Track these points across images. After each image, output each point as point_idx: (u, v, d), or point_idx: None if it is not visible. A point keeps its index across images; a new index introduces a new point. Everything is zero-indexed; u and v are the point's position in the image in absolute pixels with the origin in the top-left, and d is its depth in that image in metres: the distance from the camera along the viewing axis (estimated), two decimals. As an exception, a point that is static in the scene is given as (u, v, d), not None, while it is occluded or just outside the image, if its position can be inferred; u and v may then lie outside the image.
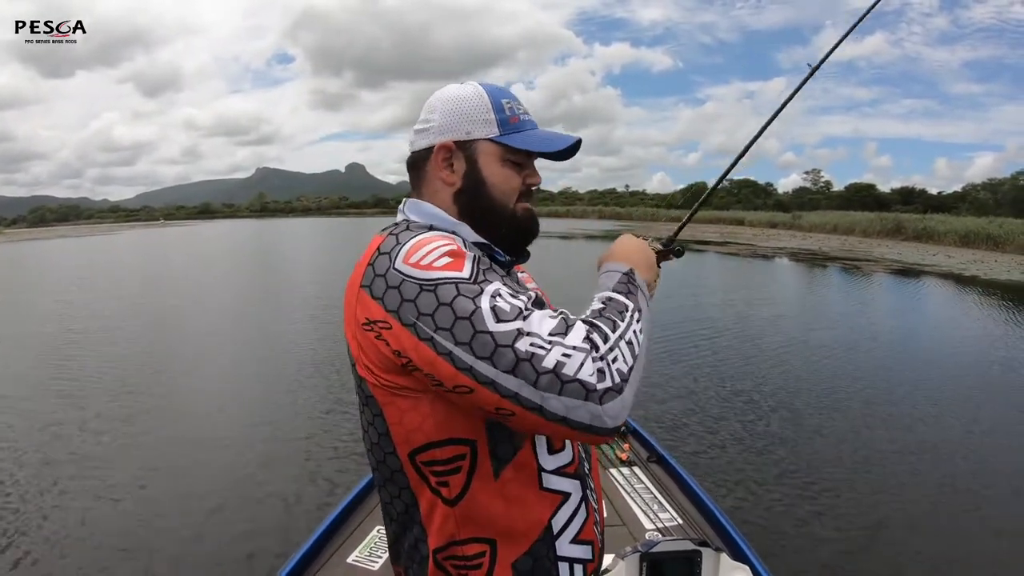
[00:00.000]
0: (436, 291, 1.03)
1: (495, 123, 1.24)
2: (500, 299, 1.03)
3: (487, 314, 1.00)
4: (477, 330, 1.00)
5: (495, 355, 0.99)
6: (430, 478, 1.16)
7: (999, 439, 6.43)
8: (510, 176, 1.26)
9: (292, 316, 14.03)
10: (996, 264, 25.29)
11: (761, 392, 7.80)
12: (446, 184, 1.27)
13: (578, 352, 0.98)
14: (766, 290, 18.31)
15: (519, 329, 0.99)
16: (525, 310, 1.02)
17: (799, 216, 55.66)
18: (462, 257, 1.08)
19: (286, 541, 4.22)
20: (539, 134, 1.28)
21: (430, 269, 1.05)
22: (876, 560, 4.20)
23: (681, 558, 2.13)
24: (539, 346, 0.98)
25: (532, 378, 0.97)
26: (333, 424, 6.81)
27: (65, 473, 5.65)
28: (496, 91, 1.27)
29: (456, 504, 1.16)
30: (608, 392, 0.97)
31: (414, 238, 1.11)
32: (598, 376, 0.97)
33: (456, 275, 1.04)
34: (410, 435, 1.15)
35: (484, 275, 1.07)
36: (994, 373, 9.00)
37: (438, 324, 1.02)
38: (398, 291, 1.06)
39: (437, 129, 1.26)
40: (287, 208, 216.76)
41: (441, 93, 1.30)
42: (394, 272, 1.07)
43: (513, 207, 1.27)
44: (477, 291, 1.03)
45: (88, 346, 11.22)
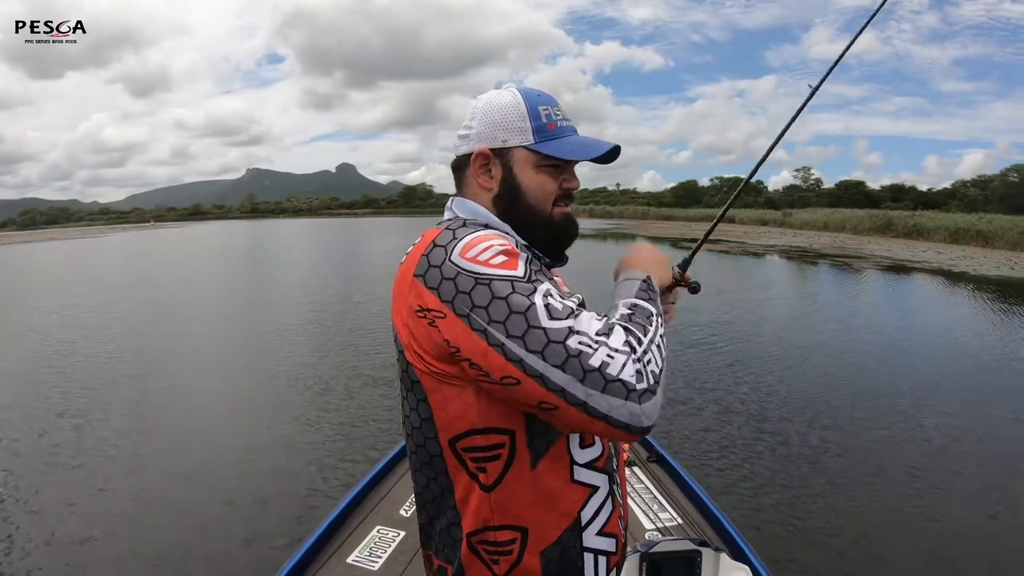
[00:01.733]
0: (491, 285, 1.08)
1: (530, 131, 1.28)
2: (552, 298, 1.08)
3: (541, 311, 1.05)
4: (531, 325, 1.05)
5: (546, 350, 1.03)
6: (469, 463, 1.20)
7: (1003, 438, 6.46)
8: (546, 181, 1.29)
9: (289, 316, 14.01)
10: (985, 260, 25.46)
11: (760, 392, 7.84)
12: (484, 189, 1.31)
13: (620, 354, 1.04)
14: (758, 288, 18.32)
15: (570, 327, 1.04)
16: (576, 309, 1.08)
17: (790, 214, 55.90)
18: (516, 256, 1.13)
19: (286, 541, 4.25)
20: (575, 141, 1.31)
21: (487, 265, 1.10)
22: (876, 560, 4.21)
23: (681, 558, 2.14)
24: (587, 344, 1.03)
25: (580, 375, 1.02)
26: (333, 424, 6.84)
27: (63, 475, 5.65)
28: (534, 97, 1.31)
29: (492, 490, 1.19)
30: (646, 392, 1.04)
31: (472, 234, 1.16)
32: (637, 377, 1.03)
33: (511, 273, 1.09)
34: (453, 422, 1.19)
35: (536, 275, 1.12)
36: (989, 368, 9.05)
37: (492, 317, 1.06)
38: (453, 283, 1.10)
39: (476, 136, 1.31)
40: (278, 209, 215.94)
41: (481, 99, 1.33)
42: (450, 264, 1.11)
43: (550, 211, 1.31)
44: (531, 289, 1.08)
45: (83, 347, 11.16)
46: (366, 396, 7.77)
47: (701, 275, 1.49)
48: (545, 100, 1.31)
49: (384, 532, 3.02)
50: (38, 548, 4.46)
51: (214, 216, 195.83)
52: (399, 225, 78.23)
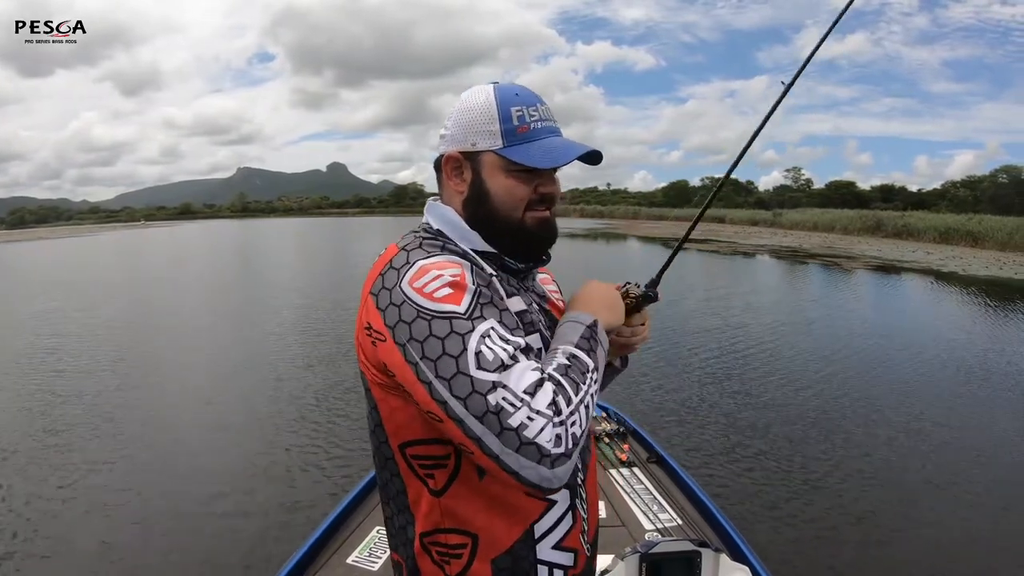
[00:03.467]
0: (431, 322, 1.07)
1: (499, 134, 1.24)
2: (488, 342, 1.07)
3: (471, 358, 1.05)
4: (459, 370, 1.04)
5: (469, 399, 1.03)
6: (417, 469, 1.22)
7: (1002, 438, 6.48)
8: (515, 187, 1.26)
9: (285, 317, 13.97)
10: (975, 260, 25.56)
11: (759, 393, 7.86)
12: (456, 192, 1.30)
13: (541, 417, 1.03)
14: (751, 288, 18.35)
15: (495, 382, 1.04)
16: (509, 359, 1.06)
17: (780, 214, 55.98)
18: (463, 290, 1.11)
19: (285, 542, 4.23)
20: (545, 145, 1.26)
21: (430, 298, 1.09)
22: (875, 560, 4.24)
23: (681, 559, 2.15)
24: (510, 402, 1.03)
25: (496, 430, 1.02)
26: (329, 425, 6.85)
27: (58, 479, 5.65)
28: (509, 98, 1.27)
29: (441, 495, 1.20)
30: (560, 457, 1.03)
31: (424, 260, 1.15)
32: (555, 442, 1.03)
33: (452, 309, 1.08)
34: (400, 429, 1.21)
35: (481, 311, 1.10)
36: (984, 368, 9.09)
37: (425, 353, 1.06)
38: (398, 310, 1.10)
39: (450, 138, 1.29)
40: (268, 208, 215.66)
41: (458, 101, 1.32)
42: (398, 291, 1.11)
43: (520, 217, 1.27)
44: (468, 328, 1.07)
45: (78, 350, 11.12)
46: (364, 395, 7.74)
47: (689, 275, 1.47)
48: (523, 100, 1.27)
49: (384, 533, 3.01)
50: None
51: (204, 215, 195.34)
52: (390, 225, 78.07)
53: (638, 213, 79.84)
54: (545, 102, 1.30)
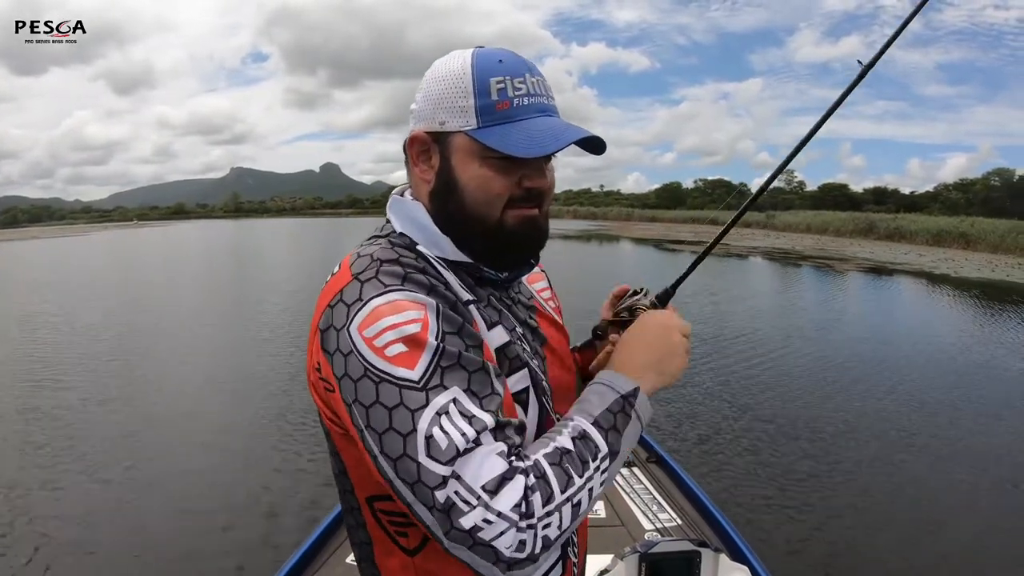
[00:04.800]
0: (378, 386, 0.88)
1: (473, 111, 0.99)
2: (445, 421, 0.86)
3: (420, 441, 0.85)
4: (406, 452, 0.86)
5: (415, 487, 0.85)
6: (388, 526, 1.04)
7: (1001, 438, 6.49)
8: (491, 179, 1.00)
9: (282, 318, 13.94)
10: (967, 263, 25.66)
11: (759, 394, 7.87)
12: (422, 180, 1.06)
13: (502, 520, 0.84)
14: (747, 289, 18.38)
15: (446, 476, 0.84)
16: (470, 443, 0.85)
17: (773, 216, 56.01)
18: (420, 348, 0.89)
19: (284, 542, 4.25)
20: (532, 127, 0.99)
21: (379, 355, 0.88)
22: (874, 560, 4.25)
23: (680, 558, 2.14)
24: (463, 499, 0.84)
25: (445, 528, 0.84)
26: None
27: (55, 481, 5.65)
28: (490, 65, 1.00)
29: (415, 555, 1.02)
30: (521, 563, 0.86)
31: (376, 300, 0.91)
32: (517, 547, 0.85)
33: (404, 375, 0.87)
34: (366, 482, 1.02)
35: (441, 378, 0.89)
36: (980, 369, 9.11)
37: (370, 423, 0.88)
38: (344, 360, 0.91)
39: (417, 114, 1.05)
40: (261, 208, 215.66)
41: (430, 68, 1.07)
42: (346, 336, 0.91)
43: (499, 216, 1.02)
44: (421, 402, 0.86)
45: (71, 352, 11.13)
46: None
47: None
48: (506, 69, 1.00)
49: None
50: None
51: (197, 215, 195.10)
52: (384, 225, 77.95)
53: (631, 215, 79.81)
54: (540, 72, 1.04)
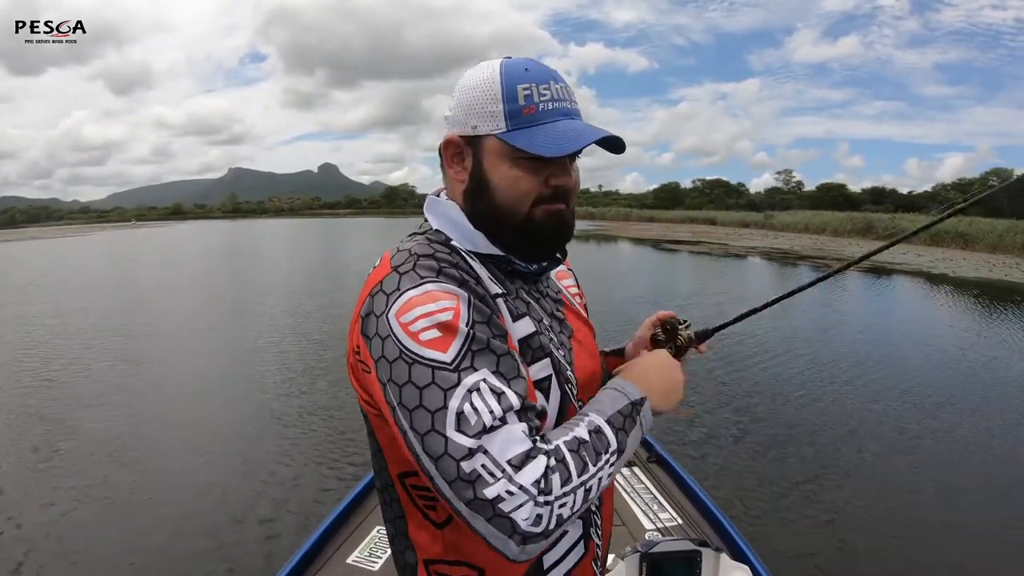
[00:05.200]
0: (412, 368, 0.96)
1: (502, 116, 1.09)
2: (474, 399, 0.94)
3: (450, 417, 0.94)
4: (434, 427, 0.94)
5: (440, 460, 0.94)
6: (418, 500, 1.13)
7: (1002, 440, 6.48)
8: (520, 178, 1.10)
9: (279, 319, 13.95)
10: (964, 262, 25.69)
11: (759, 393, 7.87)
12: (457, 181, 1.17)
13: (523, 494, 0.92)
14: (746, 289, 18.39)
15: (473, 448, 0.92)
16: (496, 421, 0.94)
17: (771, 216, 56.15)
18: (453, 334, 0.98)
19: (286, 541, 4.29)
20: (555, 130, 1.09)
21: (415, 340, 0.97)
22: (874, 561, 4.24)
23: (681, 558, 2.13)
24: (489, 471, 0.92)
25: (467, 498, 0.92)
26: (328, 425, 6.84)
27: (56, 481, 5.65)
28: (517, 73, 1.10)
29: (444, 527, 1.11)
30: (535, 536, 0.93)
31: (415, 289, 1.01)
32: (534, 521, 0.92)
33: (437, 357, 0.96)
34: (400, 459, 1.09)
35: (472, 360, 0.97)
36: (976, 370, 9.12)
37: (402, 400, 0.97)
38: (382, 344, 0.99)
39: (451, 120, 1.15)
40: (259, 209, 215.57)
41: (462, 77, 1.18)
42: (385, 322, 1.00)
43: (527, 212, 1.12)
44: (453, 382, 0.95)
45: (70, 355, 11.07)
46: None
47: (678, 273, 1.41)
48: (533, 76, 1.10)
49: (384, 532, 3.00)
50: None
51: (195, 216, 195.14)
52: (381, 226, 78.14)
53: (629, 215, 79.88)
54: (563, 80, 1.13)
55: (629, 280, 19.17)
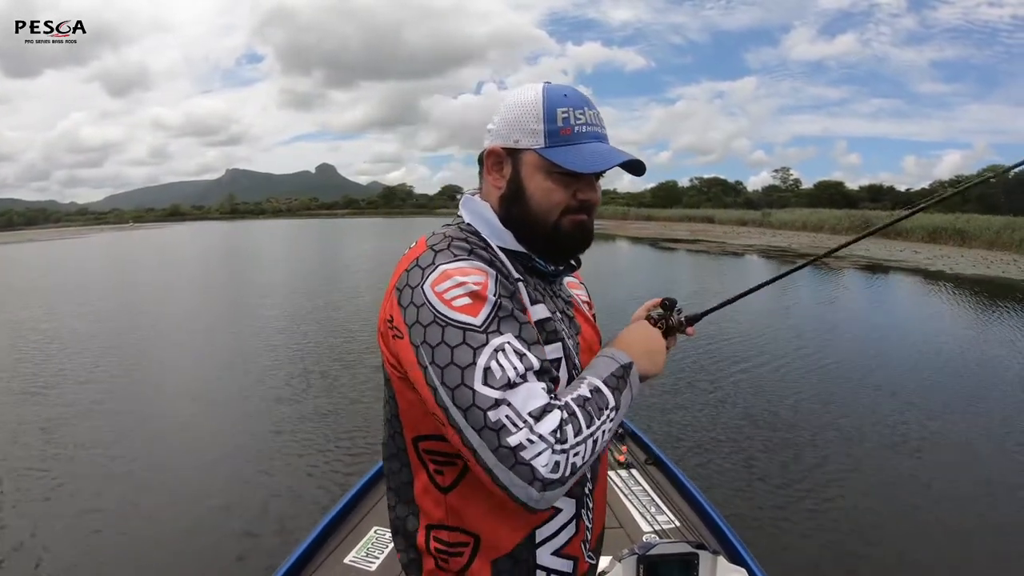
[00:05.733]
0: (445, 328, 1.08)
1: (542, 134, 1.23)
2: (499, 358, 1.07)
3: (478, 372, 1.06)
4: (463, 382, 1.06)
5: (469, 411, 1.05)
6: (428, 464, 1.24)
7: (1002, 438, 6.51)
8: (552, 190, 1.24)
9: (277, 320, 13.98)
10: (962, 259, 25.76)
11: (757, 396, 7.85)
12: (495, 187, 1.29)
13: (542, 442, 1.04)
14: (743, 286, 18.39)
15: (499, 399, 1.04)
16: (518, 378, 1.07)
17: (769, 214, 56.16)
18: (482, 301, 1.11)
19: (283, 541, 4.29)
20: (587, 150, 1.23)
21: (448, 305, 1.09)
22: (873, 563, 4.25)
23: (678, 560, 2.14)
24: (512, 421, 1.04)
25: (493, 446, 1.04)
26: (329, 425, 6.86)
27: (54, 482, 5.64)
28: (557, 98, 1.24)
29: (448, 492, 1.22)
30: (553, 483, 1.05)
31: (449, 263, 1.14)
32: (552, 467, 1.04)
33: (468, 320, 1.08)
34: (416, 423, 1.23)
35: (498, 325, 1.10)
36: (978, 368, 9.15)
37: (434, 359, 1.08)
38: (417, 311, 1.11)
39: (495, 133, 1.28)
40: (257, 210, 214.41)
41: (507, 95, 1.31)
42: (420, 291, 1.12)
43: (556, 221, 1.25)
44: (481, 341, 1.07)
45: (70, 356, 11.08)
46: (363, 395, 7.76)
47: (681, 280, 1.45)
48: (570, 102, 1.24)
49: (381, 532, 3.04)
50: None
51: (193, 217, 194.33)
52: (379, 226, 78.04)
53: (627, 214, 79.67)
54: (595, 107, 1.27)
55: (627, 279, 19.14)
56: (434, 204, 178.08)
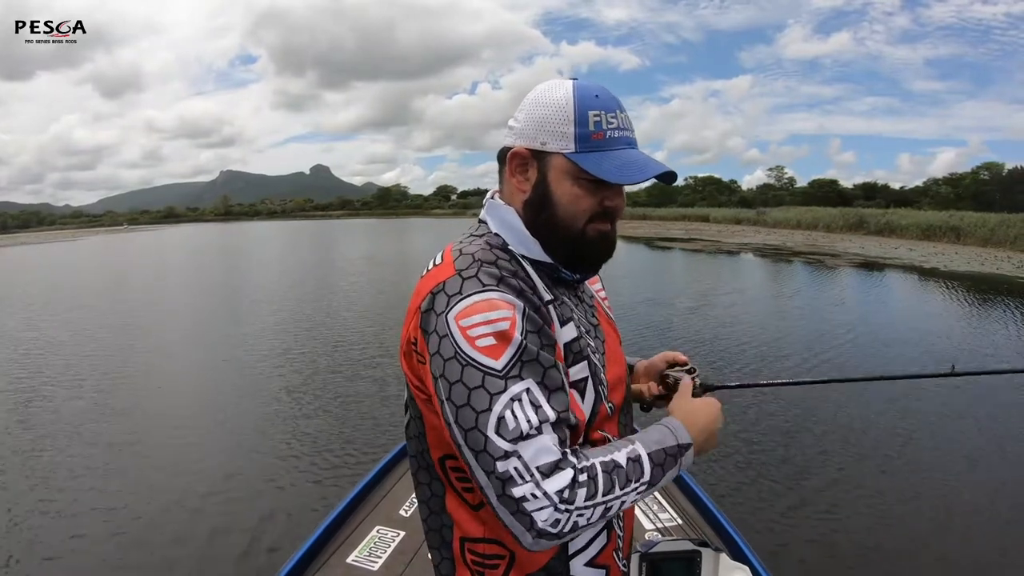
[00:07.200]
0: (464, 369, 1.05)
1: (572, 137, 1.16)
2: (516, 407, 1.04)
3: (492, 421, 1.03)
4: (477, 426, 1.03)
5: (479, 455, 1.04)
6: (456, 483, 1.21)
7: (997, 437, 6.49)
8: (580, 197, 1.18)
9: (276, 320, 13.97)
10: (956, 256, 25.80)
11: (757, 393, 7.77)
12: (518, 191, 1.23)
13: (546, 499, 1.01)
14: (741, 286, 18.42)
15: (508, 451, 1.02)
16: (532, 431, 1.03)
17: (763, 212, 56.17)
18: (507, 343, 1.06)
19: (285, 542, 4.29)
20: (621, 158, 1.17)
21: (471, 344, 1.05)
22: (875, 560, 4.25)
23: (681, 558, 2.12)
24: (519, 474, 1.01)
25: (498, 493, 1.03)
26: (330, 425, 6.88)
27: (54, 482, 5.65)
28: (588, 99, 1.18)
29: (479, 509, 1.18)
30: (550, 535, 1.03)
31: (475, 297, 1.08)
32: (552, 524, 1.02)
33: (489, 364, 1.05)
34: (442, 443, 1.17)
35: (520, 370, 1.06)
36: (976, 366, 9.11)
37: (451, 396, 1.06)
38: (439, 342, 1.08)
39: (519, 132, 1.22)
40: (252, 211, 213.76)
41: (533, 91, 1.24)
42: (444, 321, 1.08)
43: (582, 228, 1.20)
44: (500, 388, 1.04)
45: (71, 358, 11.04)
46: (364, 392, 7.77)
47: (679, 279, 1.44)
48: (602, 104, 1.18)
49: (384, 532, 3.03)
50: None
51: (188, 219, 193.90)
52: (374, 227, 77.97)
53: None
54: (625, 109, 1.22)
55: (627, 280, 19.06)
56: (429, 205, 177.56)
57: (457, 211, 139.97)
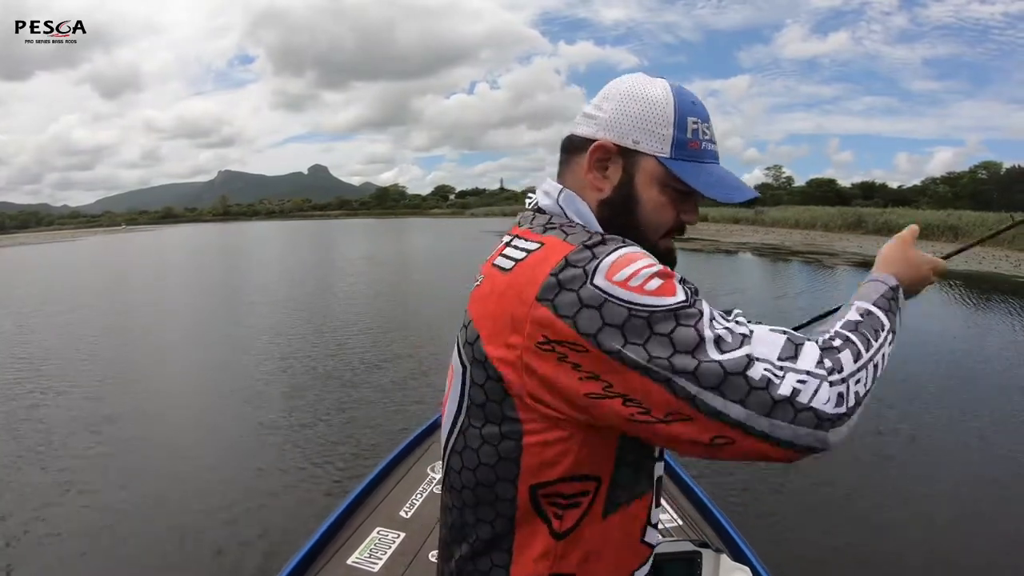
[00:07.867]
0: (649, 319, 0.91)
1: (670, 141, 1.07)
2: (718, 325, 0.93)
3: (710, 344, 0.91)
4: (702, 361, 0.90)
5: (724, 384, 0.90)
6: (547, 509, 1.04)
7: (1001, 437, 6.49)
8: (665, 206, 1.10)
9: (275, 321, 13.93)
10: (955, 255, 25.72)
11: None
12: (594, 188, 1.11)
13: (813, 378, 0.92)
14: (741, 283, 18.42)
15: (748, 355, 0.91)
16: (748, 332, 0.94)
17: (762, 212, 56.05)
18: (672, 278, 0.95)
19: (285, 543, 4.24)
20: (717, 173, 1.10)
21: (641, 292, 0.92)
22: (876, 561, 4.25)
23: (681, 559, 2.10)
24: (772, 373, 0.91)
25: (766, 407, 0.90)
26: (331, 425, 6.87)
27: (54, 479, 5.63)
28: (687, 104, 1.09)
29: (563, 538, 1.05)
30: (841, 418, 0.93)
31: (615, 252, 0.96)
32: (836, 401, 0.92)
33: (671, 301, 0.92)
34: (544, 467, 1.02)
35: (697, 297, 0.96)
36: (976, 365, 9.18)
37: (653, 353, 0.90)
38: (599, 313, 0.92)
39: (604, 123, 1.10)
40: (250, 212, 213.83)
41: (623, 82, 1.13)
42: (592, 290, 0.92)
43: (656, 240, 1.11)
44: (696, 317, 0.92)
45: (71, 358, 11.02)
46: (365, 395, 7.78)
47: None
48: (699, 113, 1.09)
49: (384, 533, 3.02)
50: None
51: (187, 219, 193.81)
52: (372, 227, 77.89)
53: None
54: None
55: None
56: (427, 205, 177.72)
57: (455, 211, 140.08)
